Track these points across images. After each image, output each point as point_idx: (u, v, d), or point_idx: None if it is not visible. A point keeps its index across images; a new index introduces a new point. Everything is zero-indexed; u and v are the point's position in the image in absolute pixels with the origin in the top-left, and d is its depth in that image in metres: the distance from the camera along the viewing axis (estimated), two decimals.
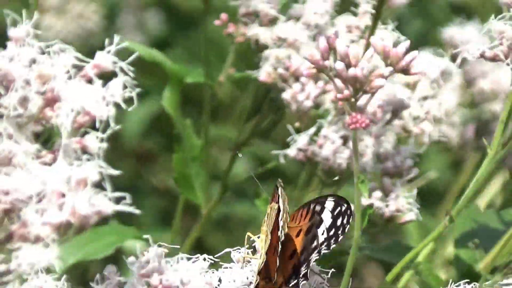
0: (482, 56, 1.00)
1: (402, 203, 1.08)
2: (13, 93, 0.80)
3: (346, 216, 0.91)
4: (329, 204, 0.93)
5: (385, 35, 1.14)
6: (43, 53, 0.83)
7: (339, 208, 0.93)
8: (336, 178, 1.10)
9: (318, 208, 0.94)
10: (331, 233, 0.92)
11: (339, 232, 0.92)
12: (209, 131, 1.21)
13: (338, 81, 0.92)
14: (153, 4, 2.29)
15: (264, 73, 1.17)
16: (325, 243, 0.91)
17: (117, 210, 0.77)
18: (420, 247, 1.01)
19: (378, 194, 1.09)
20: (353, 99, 0.90)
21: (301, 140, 1.11)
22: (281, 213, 0.89)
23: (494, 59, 0.99)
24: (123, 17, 2.37)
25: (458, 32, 1.49)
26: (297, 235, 0.93)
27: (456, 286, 0.91)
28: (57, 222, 0.77)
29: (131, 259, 0.86)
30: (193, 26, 1.99)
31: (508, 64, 0.98)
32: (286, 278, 0.91)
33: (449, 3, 2.21)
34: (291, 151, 1.12)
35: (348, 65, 0.89)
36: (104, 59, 0.84)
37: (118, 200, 0.78)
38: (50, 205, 0.77)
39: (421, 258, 1.07)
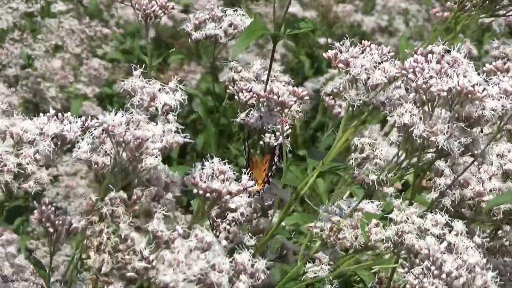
0: None
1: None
2: (136, 96, 1.87)
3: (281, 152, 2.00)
4: (276, 150, 2.02)
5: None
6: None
7: (278, 151, 2.01)
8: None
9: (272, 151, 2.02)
10: (277, 160, 2.00)
11: (281, 159, 1.99)
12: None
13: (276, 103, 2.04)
14: None
15: (232, 90, 2.32)
16: (276, 165, 2.00)
17: (184, 141, 1.82)
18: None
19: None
20: (281, 111, 2.01)
21: (241, 115, 2.23)
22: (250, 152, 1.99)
23: None
24: None
25: None
26: (266, 162, 2.01)
27: None
28: (159, 147, 1.74)
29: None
30: None
31: None
32: (262, 180, 1.97)
33: None
34: (238, 120, 2.23)
35: (278, 96, 2.01)
36: (173, 84, 1.91)
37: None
38: (157, 140, 1.81)
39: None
